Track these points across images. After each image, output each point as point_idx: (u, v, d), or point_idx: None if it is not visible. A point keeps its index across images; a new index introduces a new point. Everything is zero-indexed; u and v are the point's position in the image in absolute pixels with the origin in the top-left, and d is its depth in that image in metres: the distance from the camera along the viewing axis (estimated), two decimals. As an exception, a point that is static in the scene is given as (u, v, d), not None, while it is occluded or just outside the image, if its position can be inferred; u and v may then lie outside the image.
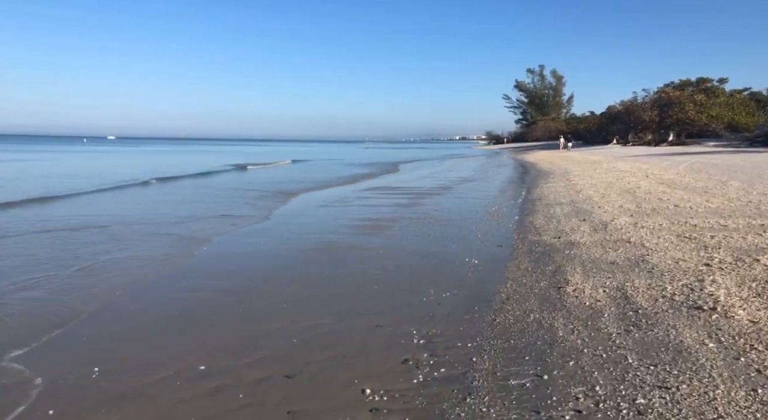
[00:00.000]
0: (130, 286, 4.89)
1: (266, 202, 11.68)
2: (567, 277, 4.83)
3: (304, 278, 5.15)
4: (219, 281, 5.11)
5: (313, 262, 5.82)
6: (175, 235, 7.47)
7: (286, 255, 6.31)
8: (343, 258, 6.00)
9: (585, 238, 6.49)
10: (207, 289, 4.85)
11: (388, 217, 9.16)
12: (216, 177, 19.78)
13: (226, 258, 6.18)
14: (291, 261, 5.98)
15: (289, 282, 5.03)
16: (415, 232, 7.69)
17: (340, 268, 5.56)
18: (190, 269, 5.61)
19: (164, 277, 5.27)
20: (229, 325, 3.86)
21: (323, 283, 4.98)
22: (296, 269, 5.55)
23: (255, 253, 6.45)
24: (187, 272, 5.48)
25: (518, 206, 10.44)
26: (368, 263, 5.74)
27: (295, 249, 6.63)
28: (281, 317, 4.02)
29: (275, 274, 5.35)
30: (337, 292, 4.67)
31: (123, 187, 14.65)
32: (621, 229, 6.83)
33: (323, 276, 5.23)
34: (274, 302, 4.40)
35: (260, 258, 6.18)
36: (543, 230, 7.41)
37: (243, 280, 5.14)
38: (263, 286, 4.91)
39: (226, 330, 3.77)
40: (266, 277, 5.24)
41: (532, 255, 5.93)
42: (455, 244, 6.84)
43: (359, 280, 5.07)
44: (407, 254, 6.21)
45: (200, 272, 5.49)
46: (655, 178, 13.35)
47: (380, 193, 13.19)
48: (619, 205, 9.06)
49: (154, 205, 11.32)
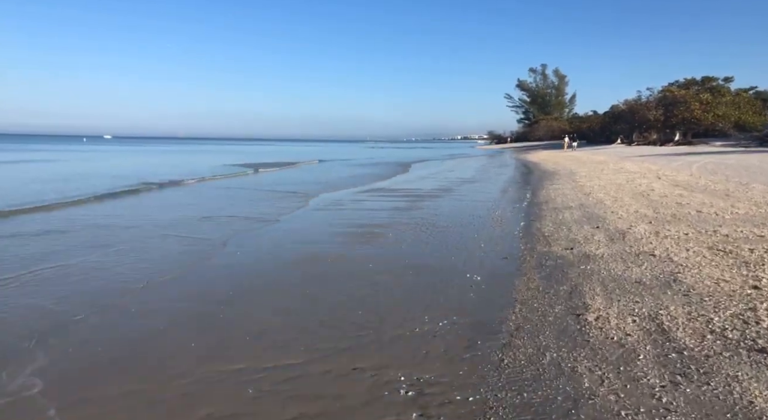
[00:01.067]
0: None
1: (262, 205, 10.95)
2: (586, 300, 4.09)
3: (277, 301, 4.42)
4: (179, 304, 4.38)
5: (291, 280, 5.08)
6: (137, 246, 6.75)
7: (263, 270, 5.56)
8: (327, 274, 5.27)
9: (601, 250, 5.74)
10: (161, 315, 4.11)
11: (384, 222, 8.43)
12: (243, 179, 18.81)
13: (196, 274, 5.45)
14: (268, 278, 5.23)
15: (259, 306, 4.29)
16: (411, 240, 6.96)
17: (322, 286, 4.83)
18: (147, 291, 4.88)
19: (124, 293, 4.54)
20: (174, 369, 3.13)
21: (299, 308, 4.24)
22: (271, 289, 4.80)
23: (231, 267, 5.72)
24: (144, 294, 4.75)
25: (523, 210, 9.70)
26: (355, 281, 5.01)
27: (274, 263, 5.89)
28: (242, 355, 3.29)
29: (246, 296, 4.60)
30: (315, 320, 3.94)
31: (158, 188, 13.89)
32: (641, 239, 6.09)
33: (300, 298, 4.49)
34: (237, 334, 3.67)
35: (235, 274, 5.45)
36: (552, 239, 6.67)
37: (207, 303, 4.40)
38: (229, 312, 4.18)
39: (168, 375, 3.04)
40: (235, 299, 4.50)
41: (543, 270, 5.19)
42: (455, 254, 6.10)
43: (342, 303, 4.34)
44: (400, 268, 5.48)
45: (159, 294, 4.76)
46: (668, 179, 12.59)
47: (377, 196, 12.46)
48: (634, 210, 8.31)
49: (152, 209, 10.60)
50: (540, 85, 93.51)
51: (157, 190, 14.05)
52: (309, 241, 7.04)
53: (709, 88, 46.03)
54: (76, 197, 11.54)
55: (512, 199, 11.79)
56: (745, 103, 42.65)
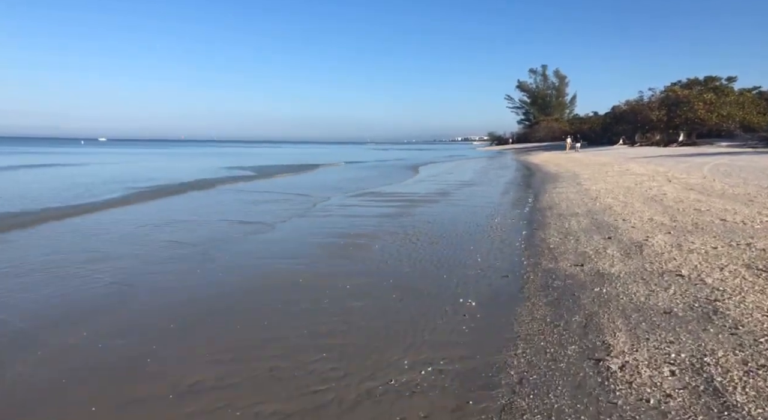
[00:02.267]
0: None
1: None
2: (605, 337, 3.29)
3: (222, 339, 3.60)
4: (106, 341, 3.58)
5: (249, 310, 4.26)
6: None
7: (219, 295, 4.72)
8: (293, 301, 4.45)
9: (617, 267, 4.94)
10: (65, 364, 3.31)
11: (370, 232, 7.63)
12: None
13: (126, 308, 4.65)
14: (221, 306, 4.41)
15: (197, 347, 3.48)
16: (398, 254, 6.15)
17: (283, 318, 4.02)
18: (80, 320, 4.07)
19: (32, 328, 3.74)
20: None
21: (247, 349, 3.43)
22: (218, 324, 3.96)
23: (183, 290, 4.92)
24: (79, 323, 3.94)
25: (525, 217, 8.90)
26: (325, 309, 4.20)
27: (236, 285, 5.06)
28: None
29: (182, 334, 3.75)
30: (264, 369, 3.13)
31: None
32: (662, 253, 5.28)
33: (252, 335, 3.68)
34: (156, 389, 2.86)
35: (184, 300, 4.64)
36: (559, 252, 5.86)
37: (136, 343, 3.59)
38: (160, 353, 3.37)
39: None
40: (169, 337, 3.69)
41: (550, 293, 4.39)
42: (448, 272, 5.30)
43: (303, 342, 3.53)
44: (382, 291, 4.67)
45: (92, 324, 3.96)
46: (680, 182, 11.78)
47: (367, 201, 11.65)
48: (648, 217, 7.50)
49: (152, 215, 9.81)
50: (540, 86, 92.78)
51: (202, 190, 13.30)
52: (284, 256, 6.23)
53: (712, 88, 45.24)
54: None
55: (513, 204, 10.99)
56: (750, 103, 41.85)
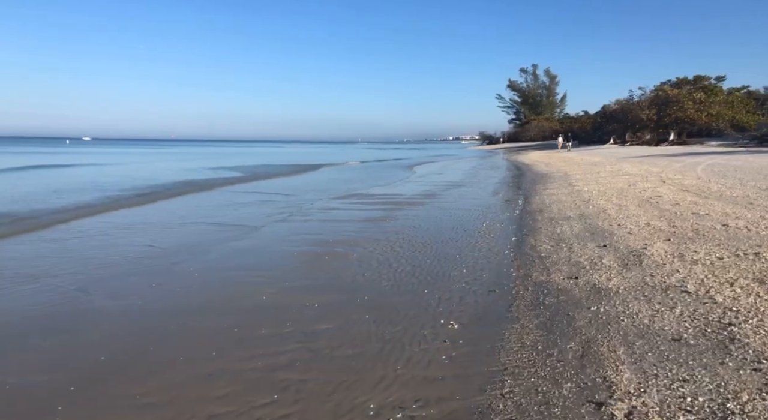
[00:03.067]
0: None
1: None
2: (606, 372, 2.81)
3: (157, 375, 3.05)
4: (15, 380, 3.02)
5: (201, 334, 3.72)
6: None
7: (165, 318, 4.16)
8: (253, 324, 3.91)
9: (615, 281, 4.47)
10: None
11: (350, 238, 7.11)
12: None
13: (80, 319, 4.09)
14: (165, 331, 3.86)
15: (120, 391, 2.90)
16: (377, 264, 5.65)
17: (238, 345, 3.49)
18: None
19: None
20: None
21: (183, 392, 2.87)
22: (159, 353, 3.40)
23: (129, 313, 4.36)
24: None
25: (515, 221, 8.43)
26: (285, 335, 3.67)
27: (191, 303, 4.52)
28: None
29: (112, 368, 3.18)
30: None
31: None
32: (663, 263, 4.83)
33: (197, 369, 3.13)
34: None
35: (126, 324, 4.09)
36: (551, 263, 5.39)
37: (52, 382, 3.04)
38: (67, 409, 2.81)
39: None
40: (93, 375, 3.14)
41: (541, 313, 3.91)
42: (429, 286, 4.80)
43: (256, 378, 3.00)
44: (354, 310, 4.16)
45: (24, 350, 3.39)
46: (675, 183, 11.40)
47: (351, 204, 11.12)
48: (644, 222, 7.07)
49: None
50: (531, 86, 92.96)
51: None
52: (253, 268, 5.69)
53: (701, 88, 45.35)
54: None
55: (502, 206, 10.53)
56: (739, 103, 41.99)
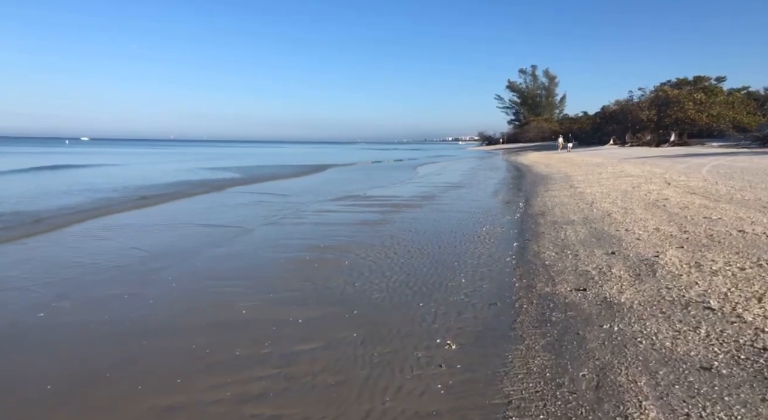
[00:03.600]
0: None
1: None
2: (629, 411, 2.41)
3: (108, 410, 2.64)
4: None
5: (167, 358, 3.30)
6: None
7: (130, 337, 3.74)
8: (226, 344, 3.50)
9: (628, 294, 4.08)
10: None
11: (342, 243, 6.70)
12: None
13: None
14: (127, 353, 3.44)
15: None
16: (370, 273, 5.24)
17: (208, 370, 3.07)
18: None
19: None
20: None
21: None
22: (116, 381, 2.97)
23: (92, 330, 3.95)
24: None
25: (516, 225, 8.04)
26: (264, 357, 3.26)
27: (162, 319, 4.10)
28: None
29: (60, 400, 2.79)
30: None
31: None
32: (679, 274, 4.43)
33: (156, 400, 2.71)
34: None
35: (86, 340, 3.68)
36: (556, 271, 4.99)
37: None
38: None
39: None
40: (33, 411, 2.74)
41: (548, 331, 3.51)
42: (423, 298, 4.40)
43: (222, 413, 2.59)
44: (341, 328, 3.75)
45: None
46: (680, 185, 11.01)
47: (346, 206, 10.72)
48: (653, 227, 6.67)
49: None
50: (530, 86, 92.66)
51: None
52: (235, 277, 5.27)
53: (701, 88, 45.07)
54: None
55: (503, 209, 10.13)
56: (739, 103, 41.71)
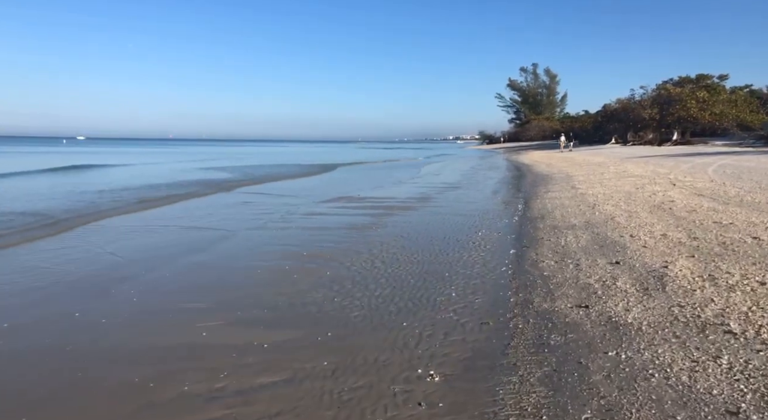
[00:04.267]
0: None
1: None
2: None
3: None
4: None
5: (97, 399, 2.87)
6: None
7: (64, 370, 3.33)
8: (174, 378, 3.07)
9: (636, 312, 3.64)
10: None
11: (327, 250, 6.28)
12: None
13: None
14: (49, 390, 3.02)
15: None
16: (352, 286, 4.81)
17: (144, 415, 2.65)
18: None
19: None
20: None
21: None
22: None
23: (20, 363, 3.53)
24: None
25: (514, 229, 7.60)
26: (216, 394, 2.83)
27: (109, 345, 3.67)
28: None
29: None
30: None
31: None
32: (692, 289, 3.99)
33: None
34: None
35: (8, 375, 3.25)
36: (556, 285, 4.56)
37: None
38: None
39: None
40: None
41: (545, 358, 3.07)
42: (408, 316, 3.97)
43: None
44: (311, 355, 3.31)
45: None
46: (686, 186, 10.56)
47: (338, 208, 10.29)
48: (660, 232, 6.23)
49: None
50: (531, 85, 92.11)
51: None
52: (203, 291, 4.85)
53: (704, 86, 44.54)
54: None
55: (500, 212, 9.69)
56: (742, 102, 41.19)
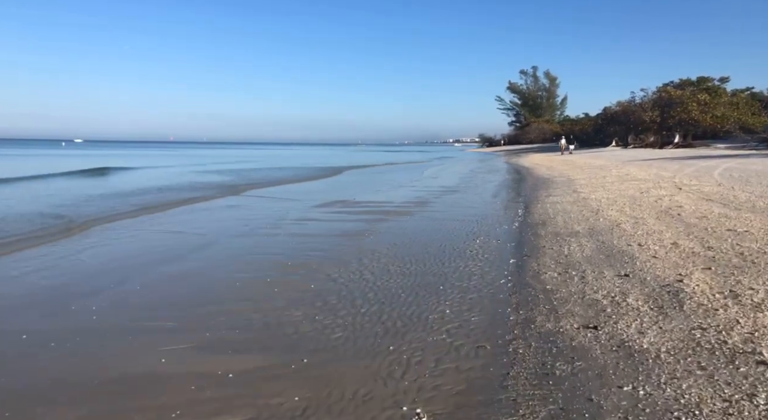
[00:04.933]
0: None
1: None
2: None
3: None
4: None
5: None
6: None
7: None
8: (121, 419, 2.66)
9: (651, 336, 3.22)
10: None
11: (315, 260, 5.86)
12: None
13: None
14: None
15: None
16: (336, 302, 4.39)
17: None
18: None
19: None
20: None
21: None
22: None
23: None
24: None
25: (514, 236, 7.18)
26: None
27: (33, 382, 3.26)
28: None
29: None
30: None
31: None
32: (713, 308, 3.58)
33: None
34: None
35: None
36: (560, 300, 4.14)
37: None
38: None
39: None
40: None
41: (550, 394, 2.65)
42: (395, 339, 3.54)
43: None
44: (281, 386, 2.89)
45: None
46: (692, 190, 10.15)
47: (331, 213, 9.87)
48: (670, 240, 5.82)
49: None
50: (531, 88, 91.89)
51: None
52: (169, 308, 4.44)
53: (705, 89, 44.25)
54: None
55: (500, 217, 9.27)
56: (744, 104, 40.88)
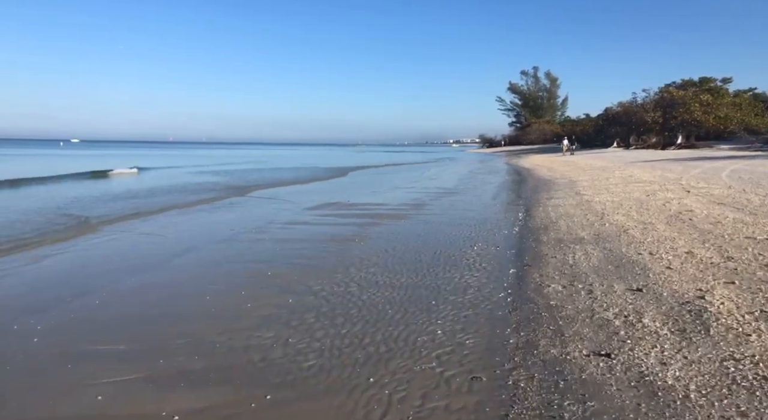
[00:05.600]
0: None
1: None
2: None
3: None
4: None
5: None
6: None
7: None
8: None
9: (676, 368, 2.74)
10: None
11: (298, 270, 5.39)
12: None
13: None
14: None
15: None
16: (315, 320, 3.91)
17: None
18: None
19: None
20: None
21: None
22: None
23: None
24: None
25: (514, 243, 6.70)
26: None
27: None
28: None
29: None
30: None
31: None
32: (746, 333, 3.10)
33: None
34: None
35: None
36: (566, 320, 3.66)
37: None
38: None
39: None
40: None
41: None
42: (376, 369, 3.06)
43: None
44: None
45: None
46: (701, 193, 9.67)
47: (322, 216, 9.40)
48: (684, 249, 5.34)
49: None
50: (532, 88, 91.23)
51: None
52: (129, 323, 3.96)
53: (707, 90, 43.74)
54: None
55: (499, 221, 8.79)
56: (747, 105, 40.35)
